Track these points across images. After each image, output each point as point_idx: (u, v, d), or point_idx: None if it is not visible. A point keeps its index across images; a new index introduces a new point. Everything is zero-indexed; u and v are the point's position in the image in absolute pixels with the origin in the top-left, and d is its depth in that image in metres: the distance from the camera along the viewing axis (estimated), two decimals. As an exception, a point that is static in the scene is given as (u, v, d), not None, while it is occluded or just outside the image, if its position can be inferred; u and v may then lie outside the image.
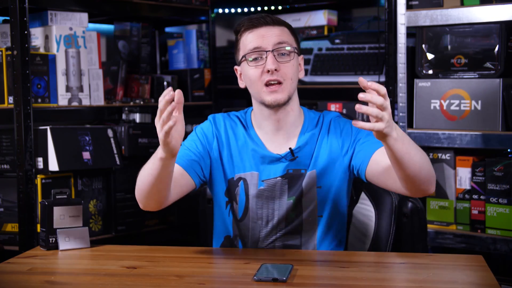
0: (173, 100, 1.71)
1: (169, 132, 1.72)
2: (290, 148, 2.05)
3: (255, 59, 2.00)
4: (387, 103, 1.66)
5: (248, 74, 2.03)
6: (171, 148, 1.76)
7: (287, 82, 2.00)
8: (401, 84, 2.95)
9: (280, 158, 2.05)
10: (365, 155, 1.98)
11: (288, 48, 2.00)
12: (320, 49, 3.33)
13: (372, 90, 1.66)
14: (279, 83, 1.99)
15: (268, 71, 1.97)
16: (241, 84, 2.10)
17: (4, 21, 2.90)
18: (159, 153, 1.81)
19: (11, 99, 2.67)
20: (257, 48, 2.00)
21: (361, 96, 1.65)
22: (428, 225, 2.92)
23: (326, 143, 2.07)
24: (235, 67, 2.11)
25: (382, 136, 1.71)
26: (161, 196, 1.91)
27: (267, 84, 1.99)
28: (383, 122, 1.66)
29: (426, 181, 1.83)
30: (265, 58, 1.99)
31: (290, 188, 2.05)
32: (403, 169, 1.78)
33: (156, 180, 1.86)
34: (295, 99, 2.08)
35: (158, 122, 1.73)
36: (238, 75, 2.11)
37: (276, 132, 2.07)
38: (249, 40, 2.02)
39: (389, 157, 1.78)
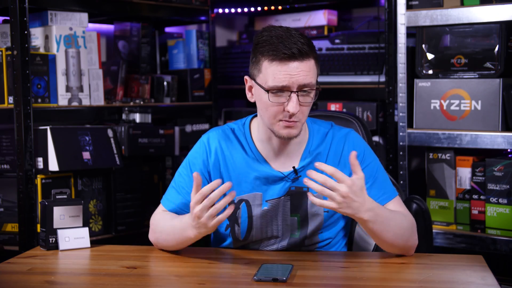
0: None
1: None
2: (293, 167, 1.99)
3: (277, 92, 1.88)
4: (342, 189, 1.74)
5: (265, 103, 1.91)
6: (210, 231, 1.84)
7: (302, 120, 1.93)
8: (401, 84, 2.95)
9: (283, 178, 2.00)
10: None
11: (311, 92, 1.91)
12: (320, 49, 3.32)
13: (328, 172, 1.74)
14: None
15: (288, 111, 1.88)
16: (251, 99, 1.98)
17: (4, 21, 2.90)
18: (190, 233, 1.86)
19: (11, 99, 2.66)
20: (283, 87, 1.87)
21: (314, 176, 1.74)
22: (428, 225, 2.92)
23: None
24: (246, 77, 1.98)
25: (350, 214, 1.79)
26: (180, 248, 2.01)
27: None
28: (334, 203, 1.75)
29: (400, 251, 1.93)
30: (288, 97, 1.87)
31: (293, 205, 2.00)
32: (376, 240, 1.91)
33: (179, 246, 1.97)
34: None
35: (204, 210, 1.78)
36: (247, 87, 1.98)
37: (278, 152, 2.01)
38: (275, 73, 1.87)
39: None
